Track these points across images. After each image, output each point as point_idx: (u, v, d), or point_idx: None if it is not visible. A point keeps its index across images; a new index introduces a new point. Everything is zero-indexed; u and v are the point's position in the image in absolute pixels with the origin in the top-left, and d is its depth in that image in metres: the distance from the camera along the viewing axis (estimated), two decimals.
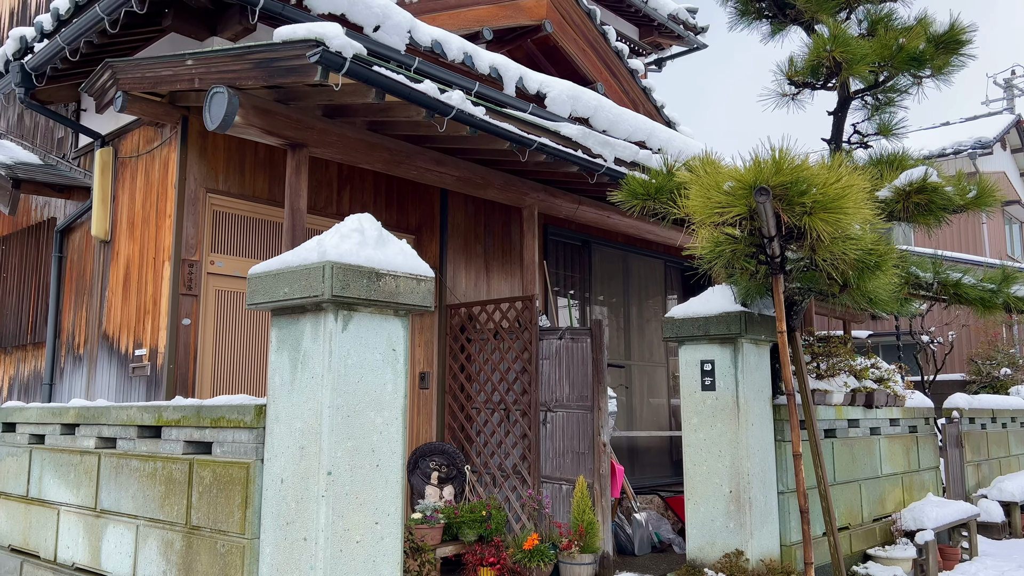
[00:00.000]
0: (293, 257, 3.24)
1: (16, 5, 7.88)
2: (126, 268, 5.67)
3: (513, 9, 7.83)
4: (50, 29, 5.58)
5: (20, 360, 6.95)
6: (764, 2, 4.88)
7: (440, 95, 4.53)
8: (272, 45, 4.12)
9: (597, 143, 5.78)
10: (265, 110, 4.52)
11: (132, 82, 4.90)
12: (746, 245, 3.54)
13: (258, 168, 5.67)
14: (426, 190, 6.73)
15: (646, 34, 12.36)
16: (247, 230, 5.65)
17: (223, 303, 5.48)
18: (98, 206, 5.84)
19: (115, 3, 4.86)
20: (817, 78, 4.60)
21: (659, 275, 9.39)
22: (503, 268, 7.36)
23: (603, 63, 8.73)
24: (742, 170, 3.27)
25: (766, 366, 5.01)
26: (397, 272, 3.26)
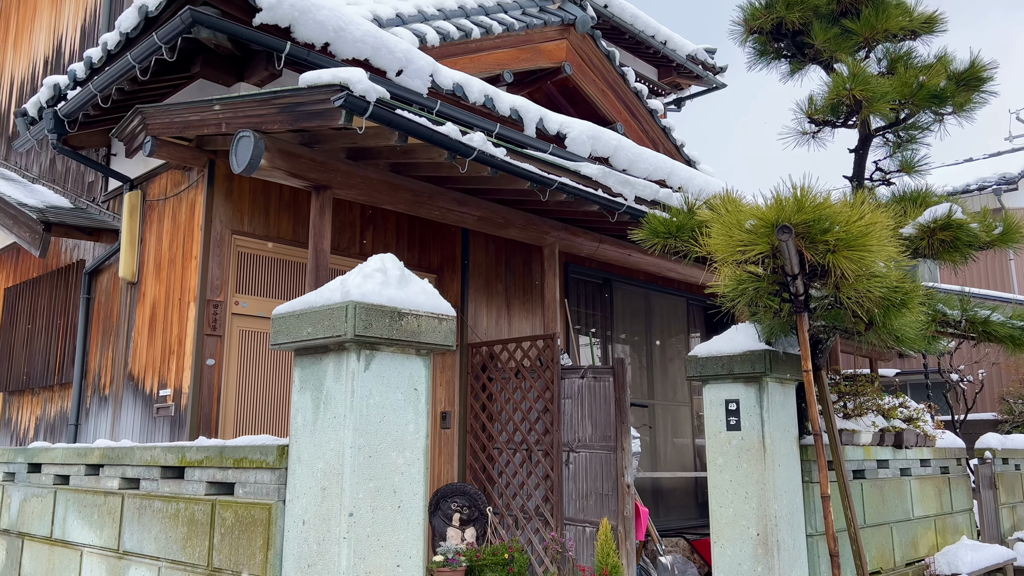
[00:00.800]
0: (316, 297, 3.27)
1: (51, 54, 8.13)
2: (152, 309, 5.74)
3: (533, 52, 7.95)
4: (83, 77, 5.74)
5: (47, 400, 7.02)
6: (782, 42, 4.92)
7: (462, 137, 4.59)
8: (298, 90, 4.21)
9: (617, 182, 5.81)
10: (290, 153, 4.60)
11: (161, 127, 5.01)
12: (769, 283, 3.52)
13: (282, 209, 5.75)
14: (447, 229, 6.78)
15: (665, 74, 12.48)
16: (271, 270, 5.72)
17: (247, 343, 5.52)
18: (126, 248, 5.94)
19: (146, 51, 4.99)
20: (837, 116, 4.61)
21: (681, 313, 9.34)
22: (524, 306, 7.36)
23: (622, 103, 8.81)
24: (764, 208, 3.27)
25: (792, 405, 4.94)
26: (419, 311, 3.27)
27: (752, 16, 4.84)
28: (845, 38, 4.66)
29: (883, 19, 4.55)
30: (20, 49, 8.85)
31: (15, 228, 6.53)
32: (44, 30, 8.35)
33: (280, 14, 4.96)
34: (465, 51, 7.31)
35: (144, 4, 5.11)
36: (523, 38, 7.78)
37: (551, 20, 7.97)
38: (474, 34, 7.13)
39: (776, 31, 4.87)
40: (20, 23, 9.01)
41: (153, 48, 4.93)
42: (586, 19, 8.24)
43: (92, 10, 7.38)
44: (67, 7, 7.92)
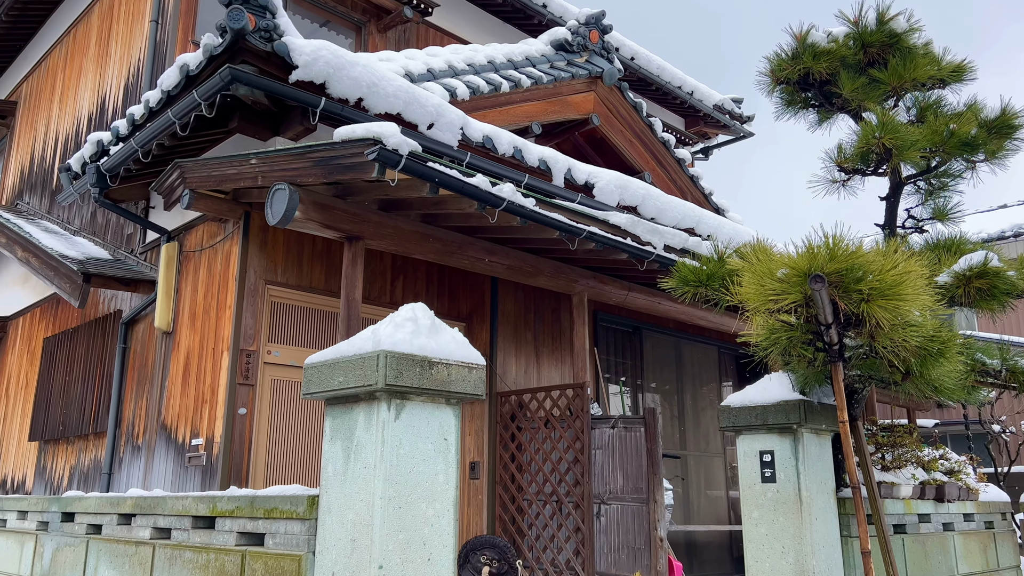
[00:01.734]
0: (348, 347, 3.29)
1: (95, 111, 8.43)
2: (186, 358, 5.81)
3: (561, 104, 8.07)
4: (125, 133, 5.93)
5: (81, 449, 7.09)
6: (810, 92, 4.95)
7: (491, 188, 4.65)
8: (332, 144, 4.31)
9: (646, 231, 5.83)
10: (324, 205, 4.69)
11: (199, 180, 5.14)
12: (802, 332, 3.48)
13: (315, 260, 5.83)
14: (477, 278, 6.82)
15: (692, 124, 12.58)
16: (303, 320, 5.78)
17: (278, 392, 5.55)
18: (162, 298, 6.05)
19: (186, 108, 5.16)
20: (867, 164, 4.60)
21: (713, 362, 9.24)
22: (553, 355, 7.34)
23: (650, 153, 8.87)
24: (795, 257, 3.25)
25: (828, 457, 4.83)
26: (449, 360, 3.28)
27: (779, 67, 4.89)
28: (873, 87, 4.68)
29: (911, 68, 4.56)
30: (65, 107, 9.18)
31: (56, 279, 6.69)
32: (89, 88, 8.67)
33: (315, 71, 5.11)
34: (494, 104, 7.44)
35: (185, 63, 5.29)
36: (551, 91, 7.91)
37: (578, 73, 8.10)
38: (503, 88, 7.27)
39: (803, 81, 4.90)
40: (66, 82, 9.36)
41: (193, 105, 5.10)
42: (613, 72, 8.36)
43: (135, 69, 7.66)
44: (111, 66, 8.23)
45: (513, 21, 10.26)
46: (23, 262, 7.40)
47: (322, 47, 5.17)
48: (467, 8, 9.86)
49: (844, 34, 4.86)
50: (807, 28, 4.86)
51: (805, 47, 4.80)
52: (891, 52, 4.74)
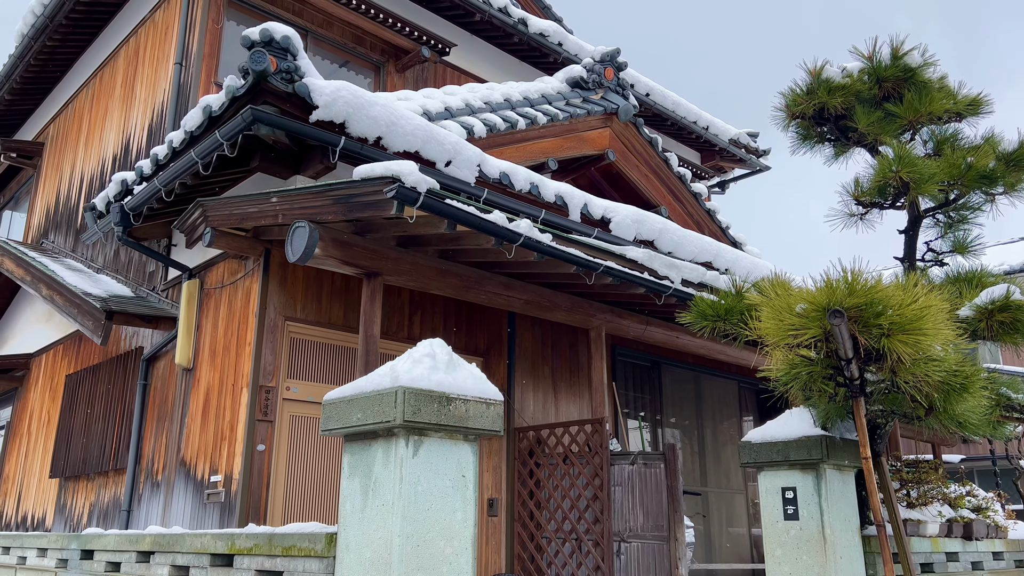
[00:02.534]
0: (366, 383, 3.30)
1: (119, 151, 8.60)
2: (206, 395, 5.85)
3: (576, 140, 8.14)
4: (149, 172, 6.05)
5: (101, 486, 7.12)
6: (825, 126, 4.96)
7: (508, 224, 4.68)
8: (352, 182, 4.37)
9: (663, 265, 5.83)
10: (343, 242, 4.74)
11: (220, 219, 5.22)
12: (823, 367, 3.45)
13: (334, 296, 5.88)
14: (494, 313, 6.83)
15: (708, 158, 12.62)
16: (322, 356, 5.80)
17: (297, 428, 5.56)
18: (183, 335, 6.11)
19: (209, 148, 5.26)
20: (885, 198, 4.59)
21: (733, 397, 9.15)
22: (571, 389, 7.30)
23: (666, 187, 8.91)
24: (814, 291, 3.23)
25: (852, 494, 4.75)
26: (467, 396, 3.28)
27: (794, 102, 4.91)
28: (888, 121, 4.69)
29: (926, 102, 4.57)
30: (91, 147, 9.38)
31: (79, 317, 6.78)
32: (114, 129, 8.86)
33: (335, 111, 5.20)
34: (511, 141, 7.52)
35: (208, 104, 5.41)
36: (567, 127, 7.99)
37: (594, 110, 8.18)
38: (519, 125, 7.35)
39: (818, 116, 4.92)
40: (92, 123, 9.58)
41: (215, 145, 5.20)
42: (628, 108, 8.44)
43: (159, 110, 7.82)
44: (136, 107, 8.41)
45: (529, 59, 10.40)
46: (48, 300, 7.51)
47: (342, 87, 5.27)
48: (484, 47, 10.02)
49: (859, 69, 4.89)
50: (821, 64, 4.89)
51: (820, 82, 4.83)
52: (906, 86, 4.75)
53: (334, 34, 8.50)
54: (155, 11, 8.50)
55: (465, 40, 9.73)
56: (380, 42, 8.77)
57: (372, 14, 8.36)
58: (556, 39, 10.14)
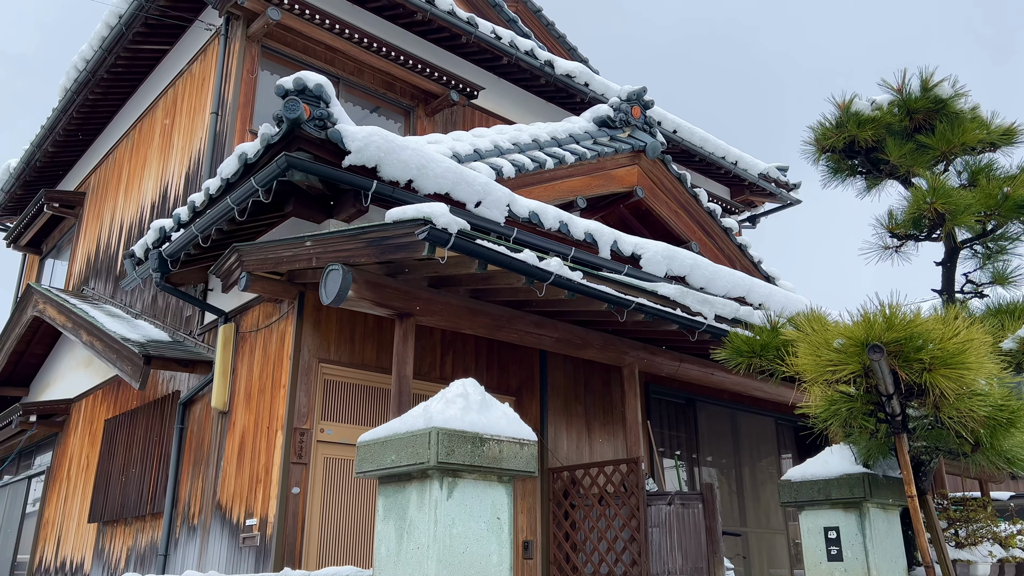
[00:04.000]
0: (400, 424, 3.31)
1: (157, 199, 8.81)
2: (241, 438, 5.89)
3: (605, 178, 8.18)
4: (186, 219, 6.18)
5: (139, 531, 7.16)
6: (856, 159, 4.94)
7: (539, 263, 4.70)
8: (384, 225, 4.43)
9: (696, 301, 5.79)
10: (376, 284, 4.79)
11: (256, 263, 5.31)
12: (863, 403, 3.38)
13: (367, 337, 5.92)
14: (525, 351, 6.82)
15: (737, 193, 12.59)
16: (355, 397, 5.83)
17: (331, 471, 5.56)
18: (219, 379, 6.17)
19: (244, 195, 5.37)
20: (920, 230, 4.53)
21: (770, 434, 8.99)
22: (605, 428, 7.23)
23: (696, 223, 8.88)
24: (852, 326, 3.19)
25: (897, 533, 4.61)
26: (500, 436, 3.26)
27: (823, 136, 4.90)
28: (921, 153, 4.65)
29: (959, 133, 4.53)
30: (130, 196, 9.63)
31: (118, 362, 6.89)
32: (152, 178, 9.09)
33: (367, 156, 5.29)
34: (539, 180, 7.58)
35: (244, 152, 5.54)
36: (595, 166, 8.03)
37: (621, 148, 8.22)
38: (547, 165, 7.41)
39: (849, 149, 4.90)
40: (131, 172, 9.85)
41: (251, 191, 5.31)
42: (656, 145, 8.47)
43: (196, 158, 8.03)
44: (174, 156, 8.64)
45: (556, 100, 10.52)
46: (88, 345, 7.66)
47: (373, 132, 5.37)
48: (511, 89, 10.17)
49: (888, 101, 4.87)
50: (850, 97, 4.88)
51: (849, 115, 4.82)
52: (937, 117, 4.72)
53: (365, 81, 8.69)
54: (192, 63, 8.77)
55: (493, 83, 9.88)
56: (410, 87, 8.94)
57: (402, 61, 8.54)
58: (582, 80, 10.26)
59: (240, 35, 7.80)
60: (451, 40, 9.20)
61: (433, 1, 8.72)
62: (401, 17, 8.82)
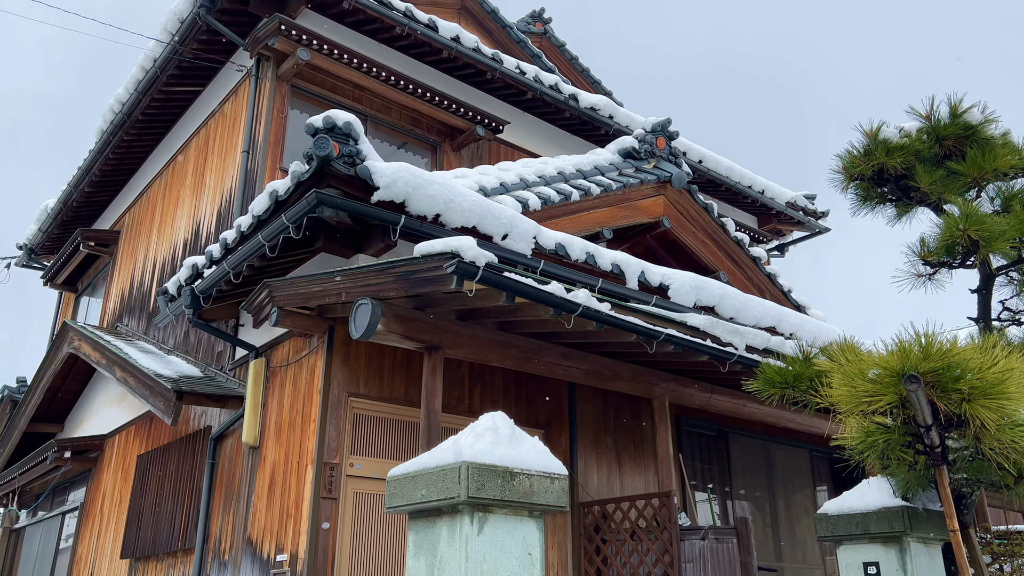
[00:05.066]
0: (430, 458, 3.30)
1: (189, 237, 8.97)
2: (272, 473, 5.90)
3: (631, 210, 8.18)
4: (218, 256, 6.28)
5: (170, 567, 7.18)
6: (886, 187, 4.89)
7: (566, 294, 4.69)
8: (412, 259, 4.46)
9: (726, 331, 5.74)
10: (404, 317, 4.81)
11: (286, 298, 5.37)
12: (900, 434, 3.31)
13: (395, 370, 5.93)
14: (554, 383, 6.79)
15: (764, 222, 12.52)
16: (384, 431, 5.83)
17: (361, 505, 5.55)
18: (249, 414, 6.22)
19: (275, 231, 5.45)
20: (953, 257, 4.46)
21: (805, 466, 8.82)
22: (636, 461, 7.15)
23: (724, 253, 8.84)
24: (886, 356, 3.14)
25: (939, 569, 4.48)
26: (531, 470, 3.24)
27: (851, 164, 4.87)
28: (952, 179, 4.60)
29: (990, 159, 4.47)
30: (163, 234, 9.82)
31: (151, 398, 6.98)
32: (185, 216, 9.27)
33: (395, 191, 5.35)
34: (565, 212, 7.60)
35: (275, 189, 5.63)
36: (621, 197, 8.04)
37: (647, 179, 8.24)
38: (573, 196, 7.44)
39: (878, 176, 4.86)
40: (164, 211, 10.05)
41: (281, 228, 5.39)
42: (681, 176, 8.47)
43: (227, 196, 8.18)
44: (206, 194, 8.81)
45: (581, 133, 10.59)
46: (121, 381, 7.76)
47: (401, 168, 5.44)
48: (536, 123, 10.26)
49: (916, 128, 4.84)
50: (878, 125, 4.86)
51: (877, 143, 4.79)
52: (968, 144, 4.67)
53: (392, 117, 8.82)
54: (224, 103, 8.97)
55: (518, 117, 9.98)
56: (436, 123, 9.06)
57: (428, 97, 8.67)
58: (607, 112, 10.32)
59: (270, 75, 7.98)
60: (476, 76, 9.33)
61: (459, 38, 8.86)
62: (427, 55, 8.97)
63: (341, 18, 8.43)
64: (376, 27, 8.54)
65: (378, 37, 8.74)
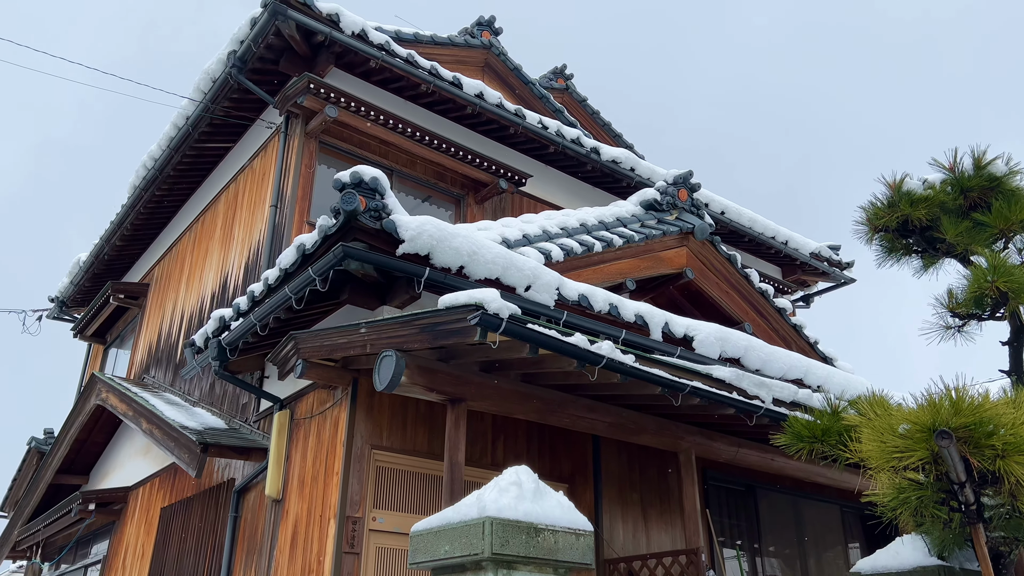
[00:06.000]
0: (453, 513, 3.27)
1: (217, 289, 9.10)
2: (294, 526, 5.87)
3: (654, 261, 8.20)
4: (245, 308, 6.36)
5: None
6: (911, 238, 4.87)
7: (590, 346, 4.68)
8: (436, 311, 4.49)
9: (752, 384, 5.68)
10: (428, 369, 4.82)
11: (311, 350, 5.41)
12: (934, 491, 3.23)
13: (418, 423, 5.92)
14: (578, 437, 6.72)
15: (789, 272, 12.46)
16: (407, 484, 5.79)
17: (383, 561, 5.49)
18: (273, 466, 6.21)
19: (302, 284, 5.52)
20: (982, 309, 4.40)
21: (836, 522, 8.60)
22: (662, 516, 7.01)
23: (748, 304, 8.79)
24: (916, 411, 3.08)
25: None
26: (555, 526, 3.20)
27: (876, 215, 4.86)
28: (978, 231, 4.57)
29: (1017, 210, 4.45)
30: (192, 286, 9.97)
31: (176, 450, 7.00)
32: (213, 268, 9.42)
33: (420, 244, 5.42)
34: (588, 263, 7.63)
35: (302, 243, 5.72)
36: (643, 248, 8.07)
37: (669, 230, 8.26)
38: (596, 248, 7.47)
39: (903, 228, 4.84)
40: (193, 263, 10.22)
41: (308, 281, 5.46)
42: (704, 227, 8.49)
43: (255, 249, 8.31)
44: (234, 247, 8.96)
45: (602, 185, 10.69)
46: (147, 433, 7.80)
47: (426, 222, 5.51)
48: (558, 176, 10.38)
49: (940, 180, 4.83)
50: (901, 177, 4.86)
51: (901, 195, 4.78)
52: (993, 195, 4.65)
53: (417, 172, 8.97)
54: (253, 159, 9.19)
55: (540, 170, 10.11)
56: (460, 177, 9.19)
57: (452, 152, 8.82)
58: (628, 165, 10.42)
59: (299, 132, 8.18)
60: (500, 131, 9.49)
61: (482, 95, 9.04)
62: (452, 111, 9.16)
63: (368, 76, 8.65)
64: (402, 84, 8.75)
65: (404, 94, 8.95)
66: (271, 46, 8.23)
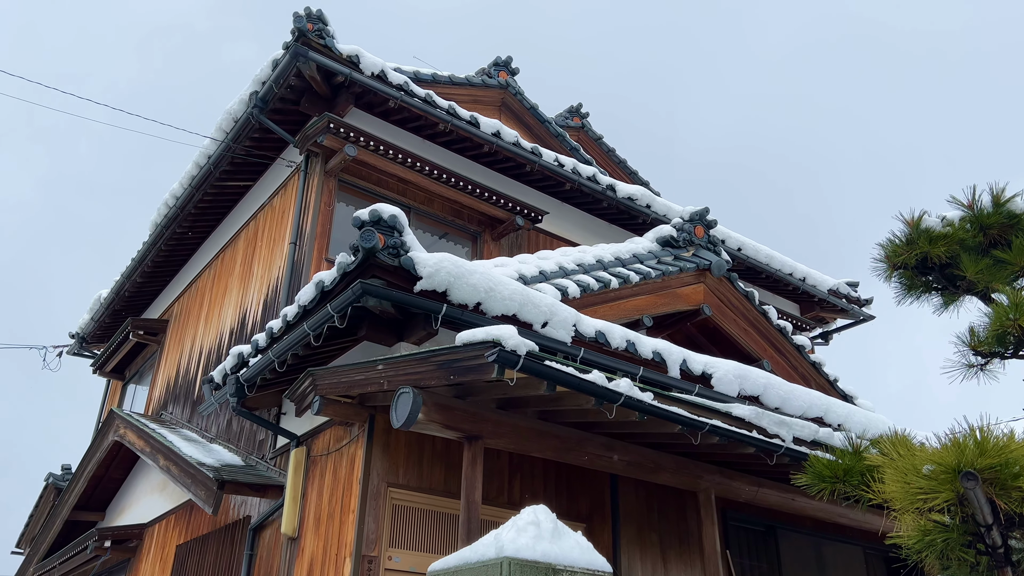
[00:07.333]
0: (471, 553, 3.24)
1: (236, 326, 9.16)
2: (310, 565, 5.82)
3: (670, 297, 8.18)
4: (264, 345, 6.40)
5: None
6: (930, 275, 4.83)
7: (608, 383, 4.66)
8: (454, 348, 4.50)
9: (772, 423, 5.62)
10: (444, 406, 4.82)
11: (328, 387, 5.42)
12: (960, 534, 3.17)
13: (435, 460, 5.89)
14: (595, 475, 6.66)
15: (807, 309, 12.38)
16: (423, 523, 5.74)
17: None
18: (289, 504, 6.19)
19: (320, 321, 5.56)
20: (1005, 347, 4.34)
21: (859, 564, 8.42)
22: (681, 558, 6.90)
23: (767, 341, 8.73)
24: (940, 451, 3.04)
25: None
26: (574, 567, 3.16)
27: (894, 253, 4.83)
28: (999, 268, 4.53)
29: None
30: (210, 323, 10.05)
31: (192, 487, 7.00)
32: (232, 305, 9.50)
33: (437, 281, 5.45)
34: (604, 300, 7.63)
35: (321, 280, 5.77)
36: (660, 284, 8.06)
37: (686, 267, 8.26)
38: (612, 284, 7.48)
39: (921, 265, 4.81)
40: (212, 300, 10.32)
41: (326, 317, 5.49)
42: (721, 264, 8.48)
43: (274, 286, 8.38)
44: (253, 284, 9.04)
45: (618, 222, 10.72)
46: (164, 470, 7.81)
47: (444, 259, 5.55)
48: (574, 213, 10.43)
49: (959, 217, 4.81)
50: (919, 214, 4.84)
51: (919, 232, 4.76)
52: (1012, 232, 4.63)
53: (434, 209, 9.05)
54: (273, 197, 9.31)
55: (556, 207, 10.17)
56: (477, 214, 9.26)
57: (469, 190, 8.91)
58: (644, 201, 10.47)
59: (319, 170, 8.29)
60: (516, 169, 9.58)
61: (499, 134, 9.15)
62: (469, 149, 9.27)
63: (387, 116, 8.79)
64: (420, 124, 8.88)
65: (422, 133, 9.07)
66: (292, 87, 8.38)
